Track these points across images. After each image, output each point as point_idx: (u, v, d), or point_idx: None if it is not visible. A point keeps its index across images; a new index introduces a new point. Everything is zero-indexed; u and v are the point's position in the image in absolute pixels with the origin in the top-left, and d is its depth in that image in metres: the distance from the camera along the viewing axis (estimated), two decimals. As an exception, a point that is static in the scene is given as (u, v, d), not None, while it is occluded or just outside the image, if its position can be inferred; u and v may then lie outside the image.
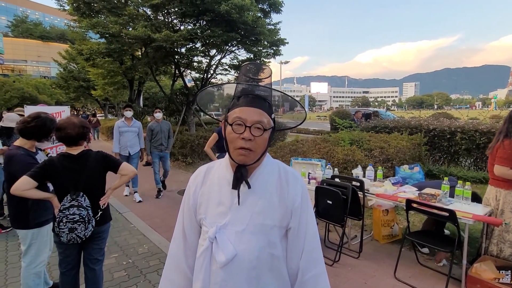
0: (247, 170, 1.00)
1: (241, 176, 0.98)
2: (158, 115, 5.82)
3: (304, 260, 1.01)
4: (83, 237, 2.04)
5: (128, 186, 5.88)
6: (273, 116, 1.04)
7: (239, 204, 1.00)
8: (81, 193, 2.08)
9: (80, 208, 2.02)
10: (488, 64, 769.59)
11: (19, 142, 2.45)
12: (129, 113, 5.57)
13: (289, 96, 1.30)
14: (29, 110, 4.55)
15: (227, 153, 1.03)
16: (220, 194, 1.03)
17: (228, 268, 0.96)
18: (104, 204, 2.22)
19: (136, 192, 5.75)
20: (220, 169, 1.08)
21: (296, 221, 1.02)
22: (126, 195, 5.79)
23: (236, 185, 0.98)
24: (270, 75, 1.07)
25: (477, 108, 78.32)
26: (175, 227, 1.13)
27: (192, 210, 1.08)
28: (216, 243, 0.97)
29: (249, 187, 1.00)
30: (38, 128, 2.40)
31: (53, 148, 4.40)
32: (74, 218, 1.99)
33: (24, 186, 1.97)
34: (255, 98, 1.00)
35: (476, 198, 3.23)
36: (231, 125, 0.98)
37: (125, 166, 2.29)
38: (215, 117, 4.03)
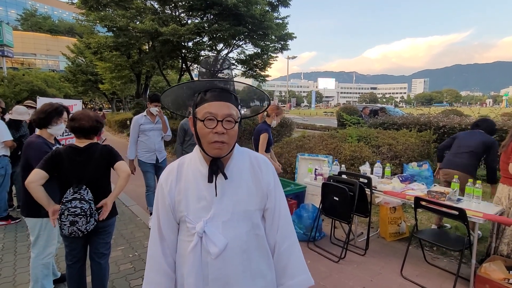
0: (222, 163, 1.03)
1: (217, 168, 1.02)
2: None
3: (279, 235, 1.11)
4: (85, 230, 2.02)
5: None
6: (239, 107, 1.07)
7: (216, 195, 1.02)
8: (84, 186, 2.06)
9: (82, 201, 2.00)
10: (500, 60, 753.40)
11: (39, 132, 2.54)
12: (156, 110, 4.15)
13: (253, 86, 1.33)
14: (41, 101, 4.65)
15: (196, 147, 1.08)
16: (199, 189, 1.04)
17: (221, 257, 1.01)
18: (103, 217, 2.14)
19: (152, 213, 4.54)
20: (192, 164, 1.09)
21: (272, 201, 1.11)
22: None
23: (211, 178, 1.02)
24: (230, 67, 1.10)
25: (488, 106, 76.97)
26: (151, 229, 1.12)
27: (169, 209, 1.07)
28: (206, 236, 1.00)
29: (225, 178, 1.03)
30: (39, 114, 2.44)
31: (67, 140, 4.40)
32: (76, 211, 1.96)
33: (40, 180, 1.97)
34: (221, 91, 1.03)
35: None
36: (202, 120, 0.99)
37: (120, 165, 2.20)
38: (181, 114, 3.58)
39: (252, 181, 1.09)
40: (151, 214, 4.25)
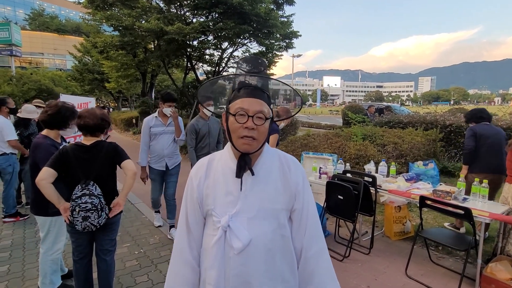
0: (250, 159, 1.04)
1: (244, 164, 1.03)
2: (209, 109, 3.42)
3: (307, 238, 1.08)
4: (97, 224, 2.07)
5: (158, 212, 4.16)
6: (271, 106, 1.08)
7: (241, 190, 1.04)
8: (92, 182, 2.10)
9: (92, 197, 2.05)
10: (510, 58, 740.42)
11: (46, 131, 2.55)
12: (170, 111, 3.64)
13: (287, 84, 1.35)
14: (64, 98, 4.83)
15: (228, 143, 1.09)
16: (227, 184, 1.06)
17: (245, 253, 1.00)
18: (113, 214, 2.20)
19: (172, 227, 3.85)
20: (222, 160, 1.11)
21: (300, 203, 1.09)
22: (160, 225, 4.07)
23: (239, 173, 1.03)
24: (266, 67, 1.12)
25: (496, 104, 75.80)
26: (179, 221, 1.14)
27: (196, 202, 1.09)
28: (231, 230, 1.01)
29: (252, 174, 1.04)
30: (53, 116, 2.46)
31: (77, 138, 4.46)
32: (87, 206, 2.02)
33: (49, 178, 2.01)
34: (255, 89, 1.05)
35: None
36: (234, 115, 1.02)
37: (127, 163, 2.22)
38: (213, 111, 3.51)
39: (280, 180, 1.08)
40: (155, 212, 4.22)
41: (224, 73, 12.69)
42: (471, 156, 3.68)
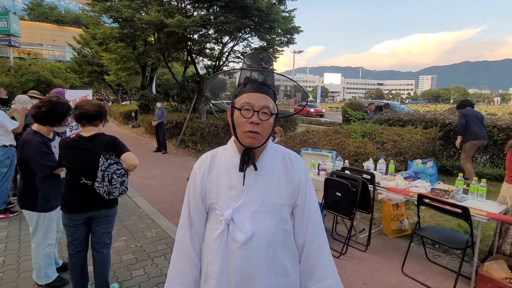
0: (254, 153, 1.05)
1: (248, 158, 1.03)
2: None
3: (309, 234, 1.10)
4: (127, 188, 2.24)
5: None
6: (276, 102, 1.09)
7: (243, 184, 1.04)
8: (111, 152, 2.17)
9: (118, 164, 2.17)
10: (510, 58, 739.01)
11: (36, 126, 2.39)
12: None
13: (293, 80, 1.40)
14: (68, 94, 4.81)
15: (232, 138, 1.10)
16: (230, 178, 1.07)
17: (247, 247, 1.01)
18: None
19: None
20: (226, 154, 1.12)
21: (302, 198, 1.10)
22: None
23: (242, 167, 1.03)
24: (272, 63, 1.13)
25: (496, 104, 75.86)
26: (181, 215, 1.15)
27: (199, 196, 1.10)
28: (234, 224, 1.02)
29: (256, 169, 1.05)
30: (49, 113, 2.34)
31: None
32: (121, 172, 2.15)
33: None
34: (261, 84, 1.06)
35: None
36: (239, 110, 1.02)
37: (126, 157, 2.21)
38: (216, 106, 3.33)
39: (283, 175, 1.09)
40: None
41: (225, 68, 12.61)
42: (463, 129, 5.55)
